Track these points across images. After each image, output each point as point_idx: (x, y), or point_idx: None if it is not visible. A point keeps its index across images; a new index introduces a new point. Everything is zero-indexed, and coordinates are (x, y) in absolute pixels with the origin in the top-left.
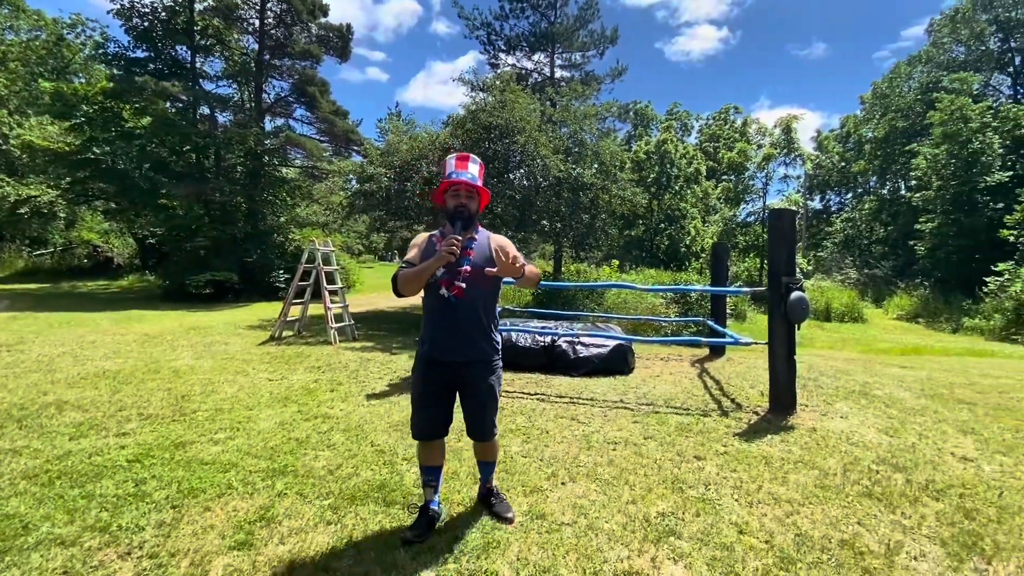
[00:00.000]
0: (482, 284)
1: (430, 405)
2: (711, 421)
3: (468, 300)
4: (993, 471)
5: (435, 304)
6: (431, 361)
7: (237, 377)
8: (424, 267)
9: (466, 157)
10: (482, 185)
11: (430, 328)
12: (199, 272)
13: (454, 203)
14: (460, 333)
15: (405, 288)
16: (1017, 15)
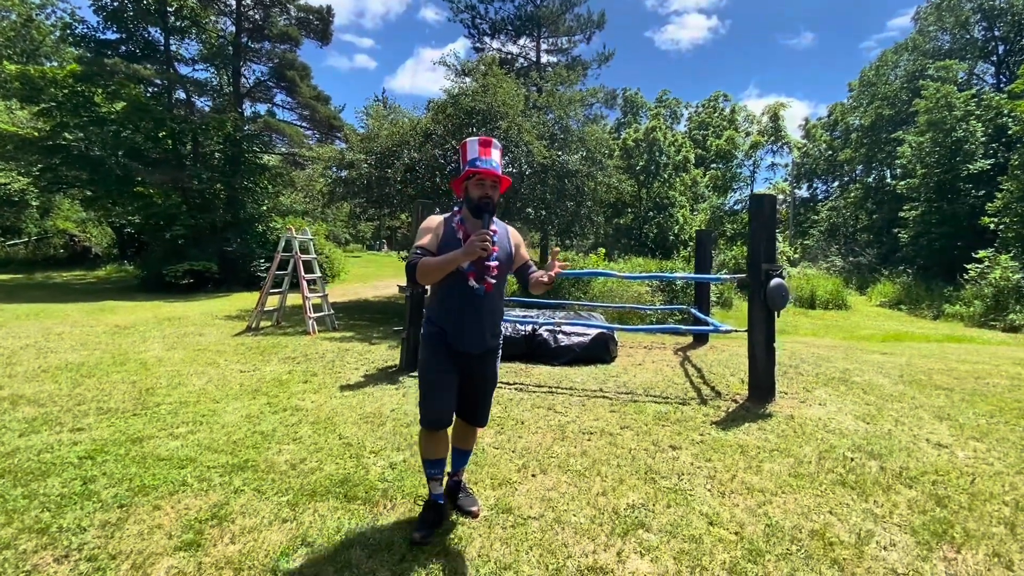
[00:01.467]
0: (501, 276)
1: (445, 390)
2: (689, 409)
3: (492, 294)
4: (966, 457)
5: (459, 293)
6: (448, 349)
7: (207, 369)
8: (450, 259)
9: (489, 142)
10: (501, 166)
11: (450, 317)
12: (178, 262)
13: (479, 193)
14: (482, 325)
15: (425, 279)
16: (1000, 3)
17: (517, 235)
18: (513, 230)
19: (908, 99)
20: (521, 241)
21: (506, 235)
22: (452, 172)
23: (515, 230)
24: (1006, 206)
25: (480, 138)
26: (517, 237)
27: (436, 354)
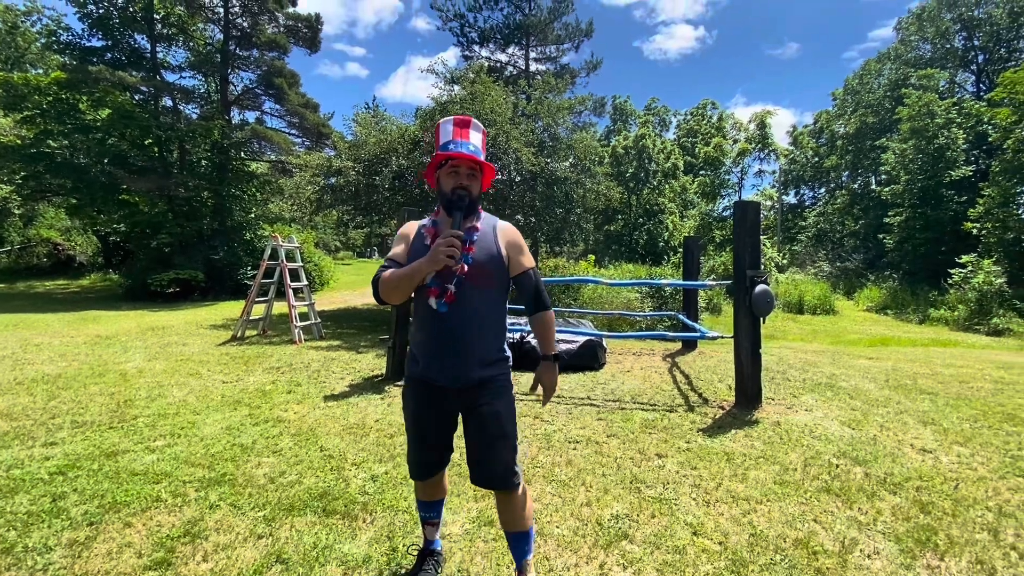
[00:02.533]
0: (484, 284)
1: (425, 438)
2: (676, 417)
3: (466, 308)
4: (950, 462)
5: (425, 314)
6: (423, 383)
7: (189, 380)
8: (412, 271)
9: (467, 122)
10: (485, 159)
11: (420, 343)
12: (163, 271)
13: (451, 183)
14: (456, 351)
15: (388, 295)
16: (979, 14)
17: (513, 234)
18: (507, 228)
19: (891, 107)
20: (518, 242)
21: (492, 234)
22: None
23: (510, 228)
24: (987, 212)
25: (455, 117)
26: (512, 237)
27: (410, 393)
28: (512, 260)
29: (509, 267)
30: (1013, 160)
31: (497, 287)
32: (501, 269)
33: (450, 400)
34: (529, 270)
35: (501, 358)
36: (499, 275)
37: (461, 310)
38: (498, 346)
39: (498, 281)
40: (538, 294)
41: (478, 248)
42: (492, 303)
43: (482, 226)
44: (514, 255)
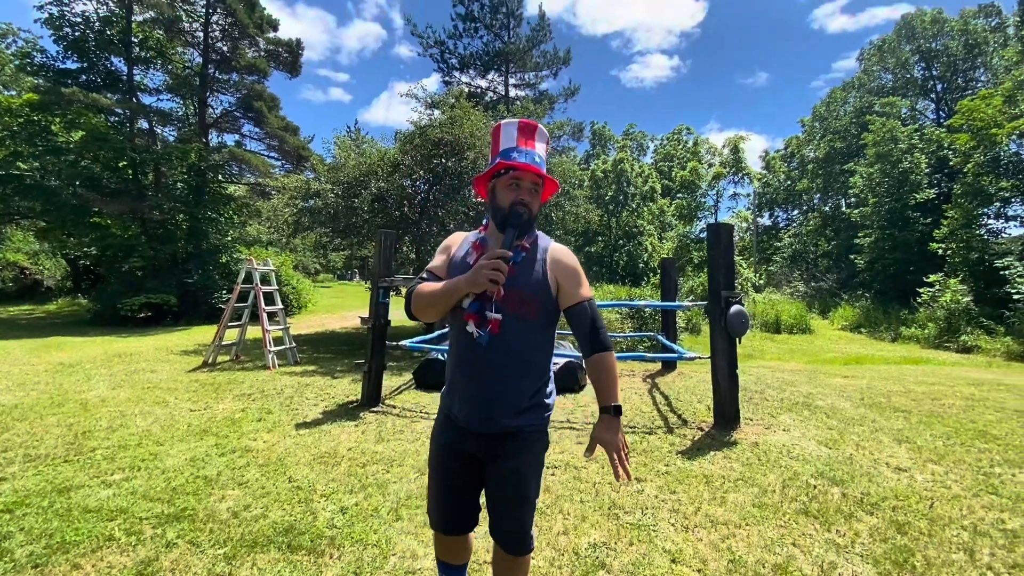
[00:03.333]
0: (529, 313)
1: (450, 487)
2: (656, 439)
3: (504, 340)
4: (925, 480)
5: (460, 342)
6: (448, 420)
7: (154, 408)
8: (449, 289)
9: (533, 128)
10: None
11: (452, 376)
12: (134, 295)
13: (511, 197)
14: (487, 391)
15: (421, 312)
16: (936, 46)
17: (565, 258)
18: (559, 251)
19: (857, 133)
20: (572, 267)
21: (541, 259)
22: (421, 202)
23: (563, 251)
24: (951, 232)
25: (520, 120)
26: (564, 261)
27: (437, 428)
28: (563, 289)
29: (559, 297)
30: (973, 183)
31: (541, 319)
32: (547, 298)
33: (470, 444)
34: (583, 302)
35: (538, 404)
36: (544, 305)
37: (498, 344)
38: (535, 389)
39: (542, 312)
40: (595, 331)
41: (521, 271)
42: (533, 338)
43: (531, 246)
44: (565, 283)
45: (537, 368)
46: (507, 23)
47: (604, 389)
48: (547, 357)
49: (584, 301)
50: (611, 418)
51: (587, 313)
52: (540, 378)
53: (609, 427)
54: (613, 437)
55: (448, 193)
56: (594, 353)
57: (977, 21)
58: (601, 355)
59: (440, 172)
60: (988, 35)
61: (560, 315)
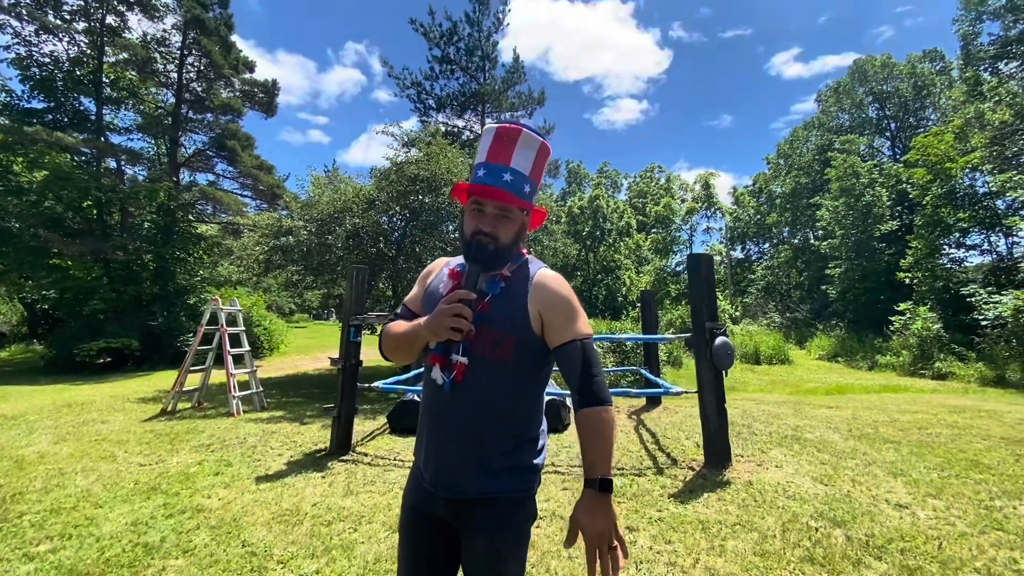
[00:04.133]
0: (503, 356)
1: (417, 557)
2: (646, 481)
3: (475, 387)
4: (928, 518)
5: (427, 389)
6: (423, 495)
7: (99, 464)
8: (410, 333)
9: (513, 135)
10: (537, 188)
11: (419, 428)
12: (93, 339)
13: (471, 227)
14: (457, 447)
15: (390, 354)
16: (888, 88)
17: (553, 287)
18: (547, 279)
19: (820, 169)
20: (562, 299)
21: (523, 286)
22: (398, 238)
23: (552, 279)
24: (916, 262)
25: (499, 126)
26: (551, 291)
27: (408, 492)
28: (548, 324)
29: (545, 334)
30: (932, 215)
31: (517, 361)
32: (526, 336)
33: (440, 509)
34: (576, 340)
35: (518, 465)
36: (521, 343)
37: (467, 391)
38: (512, 447)
39: (519, 354)
40: (587, 378)
41: (497, 304)
42: (508, 385)
43: (513, 274)
44: (552, 316)
45: (515, 421)
46: (482, 65)
47: (592, 455)
48: (530, 409)
49: (576, 340)
50: (596, 496)
51: (578, 355)
52: (519, 434)
53: (593, 508)
54: (599, 523)
55: (425, 229)
56: (584, 407)
57: (923, 65)
58: (593, 410)
59: (417, 208)
60: (934, 77)
61: (550, 357)
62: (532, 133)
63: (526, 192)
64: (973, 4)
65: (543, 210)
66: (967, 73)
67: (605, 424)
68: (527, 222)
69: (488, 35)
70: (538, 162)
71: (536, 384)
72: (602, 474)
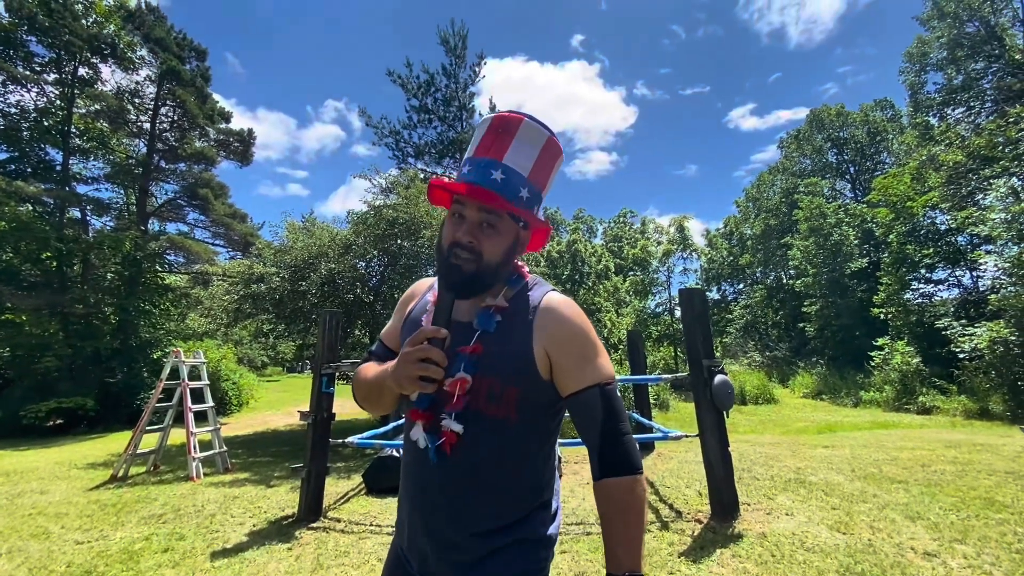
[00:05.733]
0: (504, 411)
1: None
2: (652, 539)
3: (465, 451)
4: (960, 567)
5: (407, 454)
6: (396, 554)
7: (29, 543)
8: (377, 380)
9: (512, 124)
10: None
11: (400, 501)
12: (42, 400)
13: (449, 236)
14: (445, 526)
15: (362, 403)
16: (844, 135)
17: (567, 315)
18: (559, 306)
19: (787, 211)
20: (575, 334)
21: (525, 319)
22: (376, 284)
23: (564, 307)
24: (888, 298)
25: (495, 115)
26: (564, 322)
27: (387, 560)
28: (558, 366)
29: (555, 379)
30: (899, 252)
31: (525, 419)
32: (532, 385)
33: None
34: (596, 386)
35: (528, 539)
36: (526, 394)
37: (460, 461)
38: (517, 519)
39: (523, 408)
40: (611, 436)
41: (492, 346)
42: (518, 449)
43: (511, 303)
44: (563, 357)
45: (520, 490)
46: (459, 115)
47: (617, 541)
48: (540, 472)
49: (596, 386)
50: None
51: (598, 405)
52: (526, 504)
53: None
54: None
55: (404, 274)
56: (607, 476)
57: (875, 113)
58: (621, 481)
59: (396, 252)
60: (886, 124)
61: (562, 404)
62: (536, 125)
63: (522, 197)
64: (916, 57)
65: (546, 226)
66: (916, 119)
67: (637, 500)
68: (523, 238)
69: (464, 86)
70: (542, 162)
71: (548, 441)
72: (631, 569)
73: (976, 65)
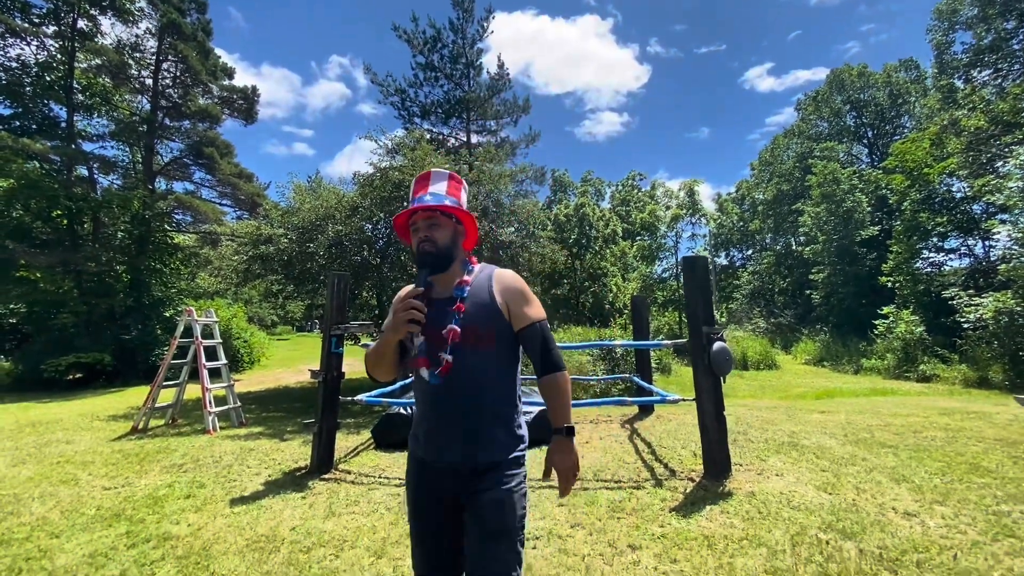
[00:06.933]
0: (482, 345)
1: (427, 530)
2: (645, 495)
3: (463, 377)
4: (938, 526)
5: (419, 387)
6: (420, 464)
7: (59, 488)
8: (380, 344)
9: (426, 175)
10: (459, 205)
11: (416, 419)
12: (62, 354)
13: (415, 241)
14: (452, 429)
15: (374, 372)
16: (864, 97)
17: (511, 281)
18: (504, 274)
19: (801, 176)
20: (519, 289)
21: (486, 285)
22: (382, 246)
23: (508, 274)
24: (897, 266)
25: (420, 174)
26: (510, 284)
27: (410, 475)
28: (513, 311)
29: (511, 320)
30: (912, 220)
31: (499, 348)
32: (501, 324)
33: (447, 485)
34: (535, 323)
35: (510, 436)
36: (500, 332)
37: (457, 380)
38: (505, 420)
39: (499, 340)
40: (547, 352)
41: (470, 304)
42: (495, 368)
43: (475, 280)
44: (515, 305)
45: (500, 399)
46: (467, 73)
47: (557, 410)
48: (511, 387)
49: (536, 322)
50: (564, 440)
51: (539, 334)
52: (505, 409)
53: (562, 448)
54: (567, 459)
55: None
56: (546, 374)
57: (899, 74)
58: (553, 376)
59: None
60: (909, 86)
61: (518, 340)
62: (440, 171)
63: (445, 204)
64: (946, 15)
65: (469, 215)
66: (941, 81)
67: (564, 385)
68: (460, 229)
69: (472, 42)
70: (452, 187)
71: (513, 367)
72: (566, 423)
73: (1007, 24)
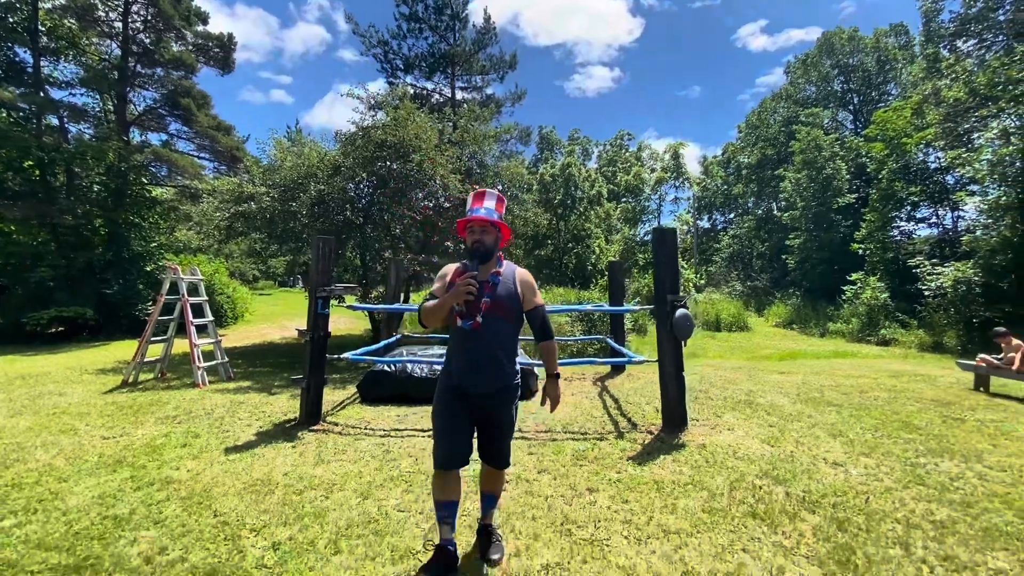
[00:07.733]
0: (504, 315)
1: (454, 432)
2: (607, 445)
3: (489, 334)
4: (859, 474)
5: (456, 334)
6: (456, 391)
7: (60, 438)
8: (442, 302)
9: (482, 194)
10: (500, 219)
11: (453, 358)
12: (43, 308)
13: (469, 239)
14: (481, 364)
15: (427, 320)
16: (853, 61)
17: (527, 278)
18: (523, 274)
19: (785, 141)
20: (531, 284)
21: (512, 278)
22: (365, 206)
23: (526, 274)
24: (869, 234)
25: (475, 191)
26: (526, 280)
27: (443, 395)
28: (526, 298)
29: (524, 303)
30: (887, 188)
31: (514, 320)
32: (517, 305)
33: (473, 402)
34: (539, 307)
35: (512, 376)
36: (515, 310)
37: (485, 335)
38: (511, 366)
39: (515, 315)
40: (544, 326)
41: (500, 288)
42: (509, 332)
43: (504, 272)
44: (527, 295)
45: (509, 352)
46: (452, 25)
47: (549, 363)
48: (515, 342)
49: (539, 306)
50: (554, 380)
51: (540, 315)
52: (511, 359)
53: (554, 386)
54: (555, 392)
55: (393, 197)
56: (543, 340)
57: (888, 40)
58: (548, 342)
59: (384, 175)
60: (897, 52)
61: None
62: (491, 191)
63: (495, 217)
64: None
65: (507, 227)
66: (928, 50)
67: (553, 348)
68: (499, 236)
69: None
70: (498, 205)
71: (518, 330)
72: (556, 371)
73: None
